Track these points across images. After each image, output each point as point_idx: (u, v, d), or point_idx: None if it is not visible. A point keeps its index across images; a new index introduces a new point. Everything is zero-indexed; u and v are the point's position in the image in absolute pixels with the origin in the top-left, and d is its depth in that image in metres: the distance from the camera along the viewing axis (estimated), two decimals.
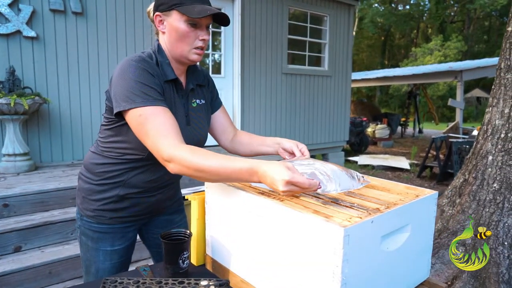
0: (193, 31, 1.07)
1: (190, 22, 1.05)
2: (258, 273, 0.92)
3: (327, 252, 0.73)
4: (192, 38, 1.07)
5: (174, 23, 1.06)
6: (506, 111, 2.28)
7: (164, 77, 1.08)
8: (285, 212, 0.83)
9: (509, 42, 2.31)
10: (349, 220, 0.75)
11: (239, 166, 0.87)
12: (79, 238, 1.27)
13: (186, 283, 0.79)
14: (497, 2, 18.91)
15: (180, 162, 0.90)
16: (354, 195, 0.94)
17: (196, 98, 1.22)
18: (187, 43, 1.07)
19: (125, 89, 0.99)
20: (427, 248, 1.00)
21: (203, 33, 1.08)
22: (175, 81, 1.13)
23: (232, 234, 1.00)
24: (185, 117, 1.16)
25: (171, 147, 0.92)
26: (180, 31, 1.06)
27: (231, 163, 0.88)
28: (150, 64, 1.06)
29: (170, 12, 1.06)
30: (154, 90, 1.00)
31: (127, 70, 1.01)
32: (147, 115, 0.96)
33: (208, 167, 0.88)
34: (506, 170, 2.24)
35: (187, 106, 1.18)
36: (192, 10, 1.03)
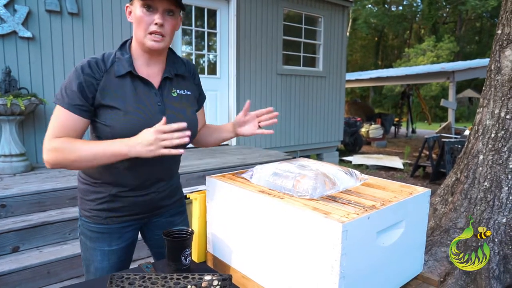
0: (148, 15, 1.08)
1: (145, 7, 1.08)
2: (258, 268, 0.96)
3: (326, 247, 0.77)
4: (146, 22, 1.09)
5: (135, 11, 1.11)
6: (496, 111, 2.34)
7: (116, 73, 1.12)
8: (285, 209, 0.86)
9: (499, 45, 2.37)
10: (346, 216, 0.78)
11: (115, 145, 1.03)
12: (79, 238, 1.30)
13: (191, 278, 0.82)
14: (488, 4, 19.14)
15: (56, 149, 1.04)
16: (351, 192, 0.97)
17: (176, 88, 1.22)
18: (142, 28, 1.10)
19: (62, 84, 1.12)
20: (420, 243, 1.05)
21: (157, 17, 1.08)
22: (132, 75, 1.14)
23: (233, 231, 1.03)
24: (158, 106, 1.16)
25: (51, 138, 1.06)
26: (136, 17, 1.11)
27: (102, 143, 1.05)
28: (94, 65, 1.11)
29: (133, 1, 1.12)
30: (75, 95, 1.08)
31: (74, 68, 1.12)
32: (57, 113, 1.09)
33: (82, 149, 1.04)
34: (496, 169, 2.30)
35: (162, 95, 1.18)
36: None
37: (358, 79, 13.42)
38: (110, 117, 1.10)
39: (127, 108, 1.11)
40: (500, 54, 2.34)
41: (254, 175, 1.06)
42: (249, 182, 1.05)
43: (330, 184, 0.97)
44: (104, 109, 1.11)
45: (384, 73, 13.65)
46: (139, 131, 1.02)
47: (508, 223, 2.23)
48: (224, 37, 5.19)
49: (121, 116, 1.10)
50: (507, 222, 2.23)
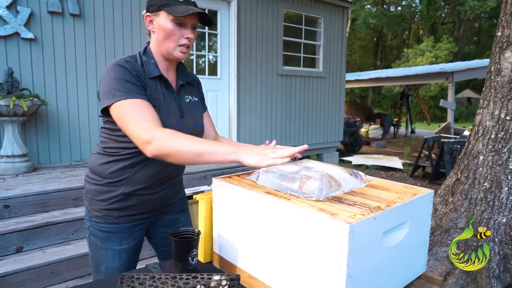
0: (179, 29, 1.16)
1: (176, 22, 1.14)
2: (265, 268, 0.98)
3: (332, 247, 0.79)
4: (177, 36, 1.16)
5: (162, 23, 1.15)
6: (496, 112, 2.36)
7: (148, 75, 1.17)
8: (291, 210, 0.88)
9: (499, 47, 2.39)
10: (353, 217, 0.80)
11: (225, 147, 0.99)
12: (88, 239, 1.31)
13: (200, 277, 0.84)
14: (487, 4, 19.20)
15: (160, 140, 0.99)
16: (356, 194, 0.99)
17: (188, 95, 1.30)
18: (173, 41, 1.16)
19: (108, 87, 1.08)
20: (423, 243, 1.07)
21: (188, 32, 1.16)
22: (161, 78, 1.20)
23: (239, 232, 1.05)
24: (178, 110, 1.23)
25: (150, 129, 1.01)
26: (166, 30, 1.15)
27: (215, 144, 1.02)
28: (132, 64, 1.14)
29: (158, 12, 1.15)
30: (134, 85, 1.09)
31: (110, 70, 1.11)
32: (127, 106, 1.06)
33: (189, 147, 0.99)
34: (496, 170, 2.32)
35: (179, 100, 1.25)
36: (177, 10, 1.11)
37: (357, 79, 13.45)
38: None
39: (161, 108, 1.16)
40: (500, 56, 2.36)
41: (260, 176, 1.07)
42: (255, 184, 1.06)
43: (336, 186, 0.99)
44: None
45: (383, 74, 13.69)
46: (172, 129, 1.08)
47: (508, 223, 2.25)
48: (225, 38, 5.21)
49: None
50: (507, 222, 2.26)
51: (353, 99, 17.13)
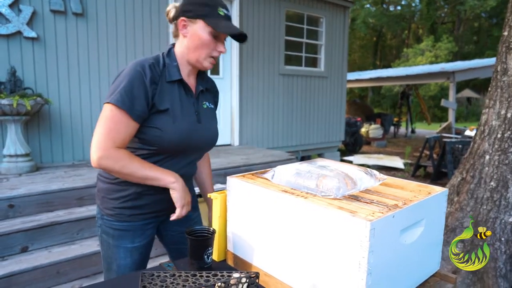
0: (214, 42, 1.16)
1: (213, 34, 1.15)
2: (281, 266, 0.97)
3: (353, 245, 0.79)
4: (211, 47, 1.17)
5: (198, 31, 1.15)
6: (502, 112, 2.37)
7: (168, 78, 1.16)
8: (309, 208, 0.88)
9: (505, 46, 2.39)
10: (372, 215, 0.80)
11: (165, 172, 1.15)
12: (100, 237, 1.31)
13: (220, 275, 0.84)
14: (487, 4, 19.22)
15: (108, 162, 1.08)
16: (371, 192, 0.99)
17: (206, 101, 1.31)
18: (205, 51, 1.17)
19: (117, 85, 1.09)
20: (438, 241, 1.07)
21: (221, 46, 1.19)
22: (180, 82, 1.20)
23: (254, 230, 1.05)
24: (196, 115, 1.23)
25: (107, 149, 1.07)
26: (202, 40, 1.15)
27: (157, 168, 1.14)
28: (153, 68, 1.14)
29: (196, 20, 1.14)
30: (137, 98, 1.09)
31: (127, 71, 1.11)
32: (112, 115, 1.08)
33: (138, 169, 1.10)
34: (503, 169, 2.33)
35: (197, 106, 1.26)
36: (219, 24, 1.12)
37: (358, 79, 13.46)
38: (162, 121, 1.14)
39: (176, 113, 1.16)
40: (506, 56, 2.36)
41: (275, 175, 1.07)
42: (270, 182, 1.06)
43: (352, 184, 0.99)
44: (158, 114, 1.14)
45: (384, 73, 13.70)
46: (186, 137, 1.17)
47: None
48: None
49: (171, 121, 1.15)
50: None
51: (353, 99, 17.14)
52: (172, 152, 1.20)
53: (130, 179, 1.13)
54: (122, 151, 1.09)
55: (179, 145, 1.18)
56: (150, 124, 1.14)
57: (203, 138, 1.26)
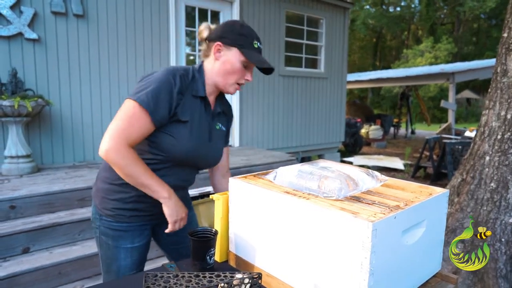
0: (243, 70, 1.22)
1: (244, 64, 1.20)
2: (283, 267, 0.98)
3: (355, 245, 0.80)
4: (240, 75, 1.23)
5: (232, 58, 1.20)
6: (502, 113, 2.38)
7: (194, 92, 1.20)
8: (311, 209, 0.89)
9: (505, 48, 2.41)
10: (374, 216, 0.81)
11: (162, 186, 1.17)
12: (98, 239, 1.31)
13: (223, 276, 0.85)
14: (486, 5, 19.25)
15: (118, 157, 1.09)
16: (373, 193, 1.00)
17: (220, 123, 1.34)
18: (234, 78, 1.22)
19: (146, 87, 1.12)
20: (439, 242, 1.08)
21: (249, 75, 1.25)
22: (203, 99, 1.24)
23: (256, 231, 1.05)
24: (208, 134, 1.27)
25: (121, 144, 1.09)
26: (234, 67, 1.20)
27: (157, 180, 1.16)
28: (184, 79, 1.17)
29: (231, 47, 1.19)
30: (160, 104, 1.12)
31: (158, 76, 1.14)
32: (132, 112, 1.10)
33: (141, 173, 1.13)
34: (503, 170, 2.34)
35: (212, 125, 1.29)
36: (253, 56, 1.18)
37: (357, 80, 13.47)
38: (179, 131, 1.17)
39: (194, 127, 1.20)
40: (506, 57, 2.37)
41: (277, 176, 1.08)
42: (272, 183, 1.07)
43: (353, 185, 0.99)
44: (177, 123, 1.17)
45: (384, 74, 13.71)
46: (195, 151, 1.21)
47: None
48: None
49: (187, 132, 1.18)
50: None
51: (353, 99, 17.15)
52: (178, 162, 1.23)
53: (128, 180, 1.14)
54: (132, 151, 1.11)
55: (187, 157, 1.22)
56: (167, 131, 1.17)
57: (209, 156, 1.30)
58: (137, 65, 4.30)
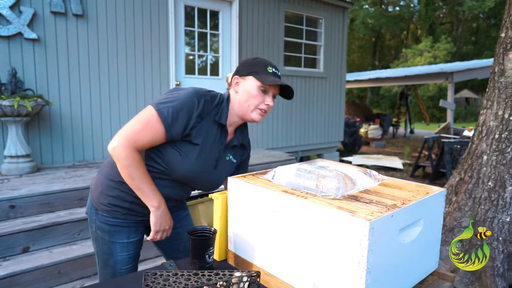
0: (262, 95, 1.24)
1: (261, 88, 1.23)
2: (281, 265, 0.99)
3: (352, 244, 0.81)
4: (259, 100, 1.25)
5: (248, 86, 1.23)
6: (500, 113, 2.39)
7: (217, 117, 1.24)
8: (310, 208, 0.90)
9: (503, 48, 2.42)
10: (371, 215, 0.82)
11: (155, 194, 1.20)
12: (94, 233, 1.33)
13: (222, 274, 0.86)
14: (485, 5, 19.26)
15: (123, 156, 1.12)
16: (370, 192, 1.01)
17: (232, 155, 1.36)
18: (254, 103, 1.24)
19: (169, 100, 1.16)
20: (436, 241, 1.09)
21: (269, 99, 1.26)
22: (222, 127, 1.27)
23: (255, 230, 1.06)
24: (215, 161, 1.28)
25: (129, 146, 1.13)
26: (251, 93, 1.23)
27: (152, 187, 1.19)
28: (207, 104, 1.21)
29: (246, 77, 1.24)
30: (179, 121, 1.15)
31: (185, 93, 1.18)
32: (149, 120, 1.14)
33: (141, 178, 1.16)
34: (500, 169, 2.35)
35: (222, 154, 1.30)
36: (266, 79, 1.21)
37: (357, 79, 13.48)
38: (187, 150, 1.20)
39: (203, 151, 1.22)
40: (504, 57, 2.38)
41: (276, 175, 1.09)
42: (271, 183, 1.08)
43: (351, 184, 1.01)
44: (188, 143, 1.20)
45: (383, 74, 13.72)
46: (197, 174, 1.24)
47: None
48: (226, 38, 5.22)
49: (195, 155, 1.20)
50: (511, 221, 2.28)
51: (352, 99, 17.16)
52: (177, 178, 1.25)
53: (126, 180, 1.17)
54: (137, 154, 1.15)
55: (187, 177, 1.24)
56: (176, 147, 1.19)
57: (209, 182, 1.32)
58: (136, 64, 4.31)
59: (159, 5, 4.42)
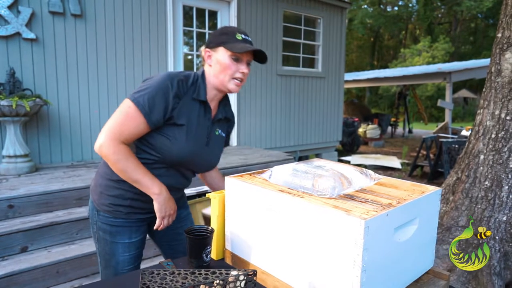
0: (235, 64, 1.23)
1: (233, 57, 1.22)
2: (278, 264, 1.00)
3: (348, 243, 0.82)
4: (233, 70, 1.24)
5: (220, 57, 1.23)
6: (496, 112, 2.40)
7: (195, 95, 1.23)
8: (306, 207, 0.91)
9: (499, 48, 2.43)
10: (367, 214, 0.83)
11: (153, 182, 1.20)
12: (96, 234, 1.33)
13: (218, 273, 0.86)
14: (483, 5, 19.32)
15: (112, 153, 1.13)
16: (366, 191, 1.02)
17: (220, 129, 1.37)
18: (229, 74, 1.24)
19: (143, 88, 1.16)
20: (431, 240, 1.10)
21: (243, 67, 1.25)
22: (204, 104, 1.27)
23: (252, 229, 1.07)
24: (206, 139, 1.29)
25: (115, 140, 1.14)
26: (223, 64, 1.22)
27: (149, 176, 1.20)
28: (182, 84, 1.20)
29: (217, 48, 1.23)
30: (157, 106, 1.15)
31: (157, 78, 1.18)
32: (130, 113, 1.14)
33: (135, 170, 1.17)
34: (497, 168, 2.36)
35: (211, 130, 1.31)
36: (235, 47, 1.20)
37: (355, 79, 13.50)
38: (175, 134, 1.20)
39: (190, 131, 1.22)
40: (500, 57, 2.40)
41: (272, 175, 1.10)
42: (268, 182, 1.09)
43: (347, 184, 1.01)
44: (173, 126, 1.20)
45: (381, 74, 13.74)
46: (190, 155, 1.24)
47: (508, 221, 2.29)
48: None
49: (183, 136, 1.21)
50: (508, 220, 2.29)
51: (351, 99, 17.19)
52: (173, 164, 1.26)
53: (121, 175, 1.18)
54: (124, 147, 1.15)
55: (182, 160, 1.25)
56: (163, 133, 1.20)
57: (205, 161, 1.33)
58: (134, 64, 4.31)
59: (158, 5, 4.43)
